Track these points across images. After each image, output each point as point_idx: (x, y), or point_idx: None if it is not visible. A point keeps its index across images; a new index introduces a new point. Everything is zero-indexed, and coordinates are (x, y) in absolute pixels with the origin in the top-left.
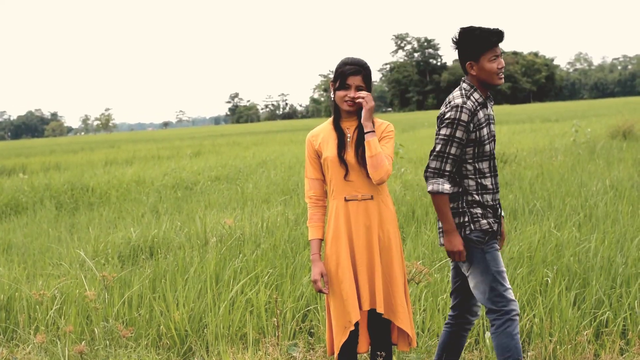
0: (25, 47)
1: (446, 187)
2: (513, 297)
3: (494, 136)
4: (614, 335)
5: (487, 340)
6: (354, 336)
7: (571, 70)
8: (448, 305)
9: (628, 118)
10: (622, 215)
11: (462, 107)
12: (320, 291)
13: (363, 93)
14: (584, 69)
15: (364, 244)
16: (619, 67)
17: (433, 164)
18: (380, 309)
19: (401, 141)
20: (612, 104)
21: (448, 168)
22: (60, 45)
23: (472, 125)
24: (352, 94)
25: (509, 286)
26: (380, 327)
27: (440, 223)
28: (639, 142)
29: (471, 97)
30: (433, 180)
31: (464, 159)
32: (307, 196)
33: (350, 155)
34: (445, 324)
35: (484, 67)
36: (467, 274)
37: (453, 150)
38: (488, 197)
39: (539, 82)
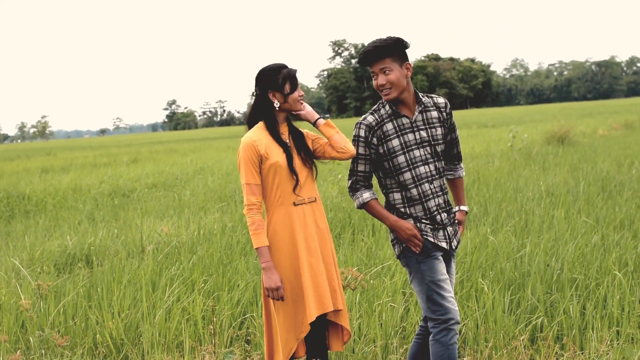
0: None
1: (365, 195)
2: (453, 306)
3: (418, 143)
4: (549, 340)
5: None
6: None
7: (507, 76)
8: (384, 311)
9: (564, 124)
10: (557, 220)
11: (360, 123)
12: (280, 298)
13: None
14: (520, 74)
15: (318, 245)
16: (555, 73)
17: (348, 183)
18: (340, 306)
19: None
20: (548, 110)
21: (361, 183)
22: None
23: (375, 139)
24: (301, 91)
25: (449, 294)
26: (318, 333)
27: (391, 235)
28: (574, 147)
29: (379, 111)
30: (354, 197)
31: (386, 173)
32: (249, 203)
33: (297, 162)
34: (416, 335)
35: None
36: (410, 282)
37: (360, 167)
38: (417, 208)
39: (475, 88)
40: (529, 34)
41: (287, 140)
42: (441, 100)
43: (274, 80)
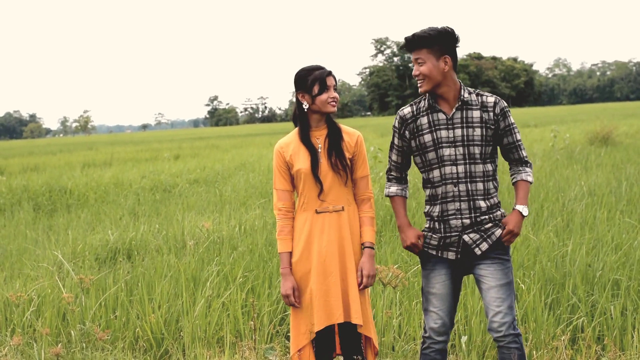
0: (3, 49)
1: (391, 189)
2: (433, 322)
3: (450, 142)
4: (589, 340)
5: (463, 345)
6: (331, 341)
7: (550, 75)
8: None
9: (606, 124)
10: (599, 221)
11: (397, 114)
12: (292, 305)
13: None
14: (563, 74)
15: (337, 256)
16: (598, 73)
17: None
18: (356, 320)
19: (380, 145)
20: (591, 110)
21: (393, 174)
22: (39, 47)
23: (407, 132)
24: (333, 93)
25: (435, 309)
26: (352, 340)
27: None
28: (617, 147)
29: (419, 103)
30: (385, 187)
31: (420, 168)
32: (276, 208)
33: (324, 167)
34: None
35: None
36: None
37: (393, 157)
38: (436, 208)
39: (517, 88)
40: (571, 33)
41: (320, 145)
42: (491, 99)
43: (304, 81)
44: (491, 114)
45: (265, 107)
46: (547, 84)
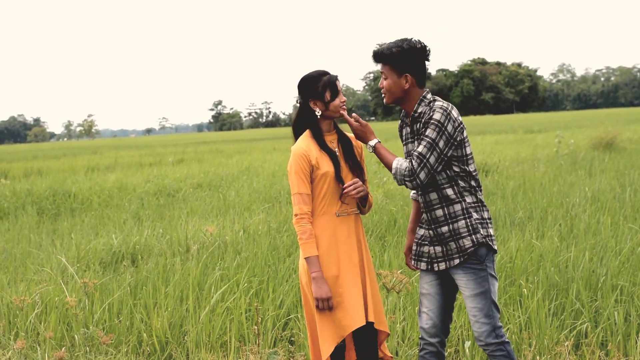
0: (7, 52)
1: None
2: (424, 323)
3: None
4: (593, 346)
5: (467, 350)
6: (341, 348)
7: (554, 81)
8: None
9: (610, 129)
10: (603, 226)
11: None
12: (329, 309)
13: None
14: (567, 80)
15: (357, 257)
16: (602, 79)
17: None
18: (375, 320)
19: None
20: (595, 115)
21: None
22: (43, 51)
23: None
24: (343, 97)
25: (425, 309)
26: (368, 340)
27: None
28: (621, 153)
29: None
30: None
31: None
32: (302, 212)
33: (344, 171)
34: None
35: None
36: None
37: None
38: (419, 216)
39: (522, 93)
40: (576, 39)
41: (336, 149)
42: (425, 109)
43: (314, 88)
44: (420, 123)
45: (270, 112)
46: (551, 90)
